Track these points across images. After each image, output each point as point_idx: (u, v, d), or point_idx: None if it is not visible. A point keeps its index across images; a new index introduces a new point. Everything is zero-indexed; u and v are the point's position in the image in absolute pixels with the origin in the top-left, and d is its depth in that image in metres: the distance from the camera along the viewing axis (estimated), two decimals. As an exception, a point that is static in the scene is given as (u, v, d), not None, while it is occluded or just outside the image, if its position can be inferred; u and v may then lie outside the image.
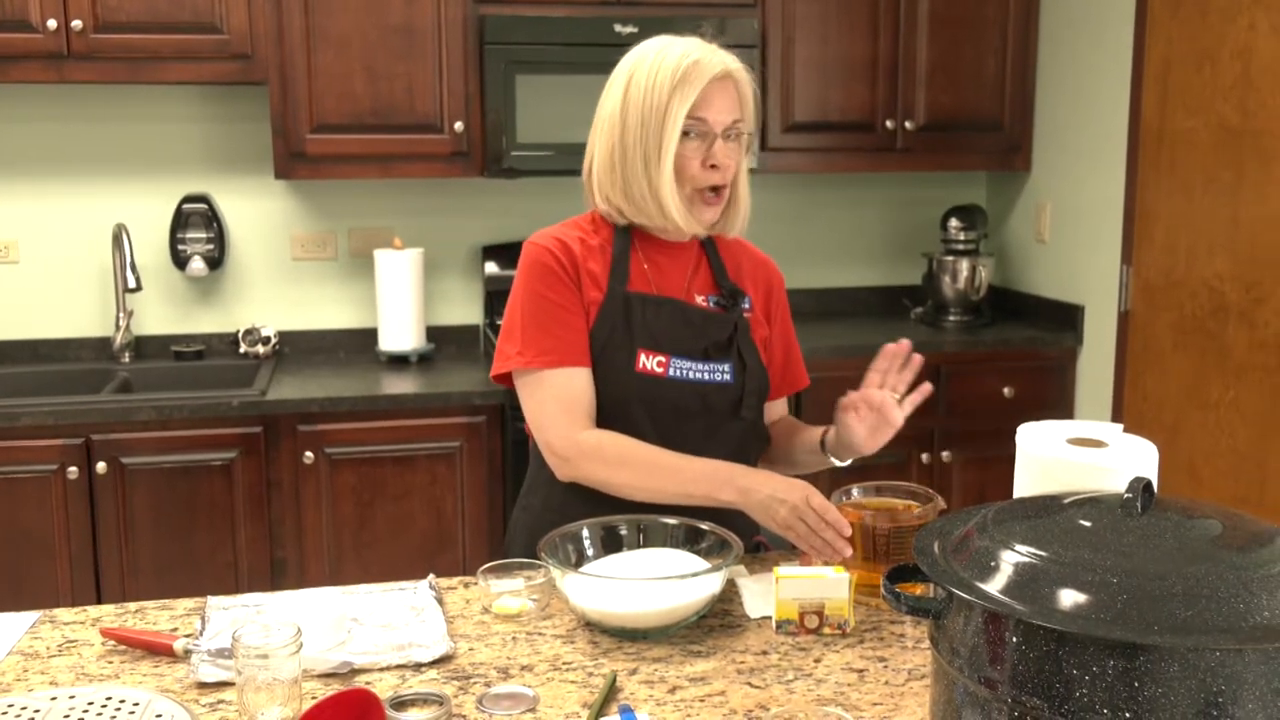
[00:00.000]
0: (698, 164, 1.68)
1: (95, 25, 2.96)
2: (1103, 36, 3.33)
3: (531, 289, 1.72)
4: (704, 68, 1.66)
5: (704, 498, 1.63)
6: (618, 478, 1.67)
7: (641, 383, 1.70)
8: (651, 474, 1.65)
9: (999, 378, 3.42)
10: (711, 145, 1.68)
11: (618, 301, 1.71)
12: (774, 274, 1.91)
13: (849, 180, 3.86)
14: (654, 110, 1.66)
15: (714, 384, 1.74)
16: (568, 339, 1.70)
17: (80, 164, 3.34)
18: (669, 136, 1.65)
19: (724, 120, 1.68)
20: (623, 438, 1.68)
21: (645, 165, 1.68)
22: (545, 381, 1.70)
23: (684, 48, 1.68)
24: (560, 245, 1.73)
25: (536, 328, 1.70)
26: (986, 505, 1.17)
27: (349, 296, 3.54)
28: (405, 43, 3.12)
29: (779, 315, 1.90)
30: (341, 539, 2.96)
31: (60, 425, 2.79)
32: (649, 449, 1.67)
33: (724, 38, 1.80)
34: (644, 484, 1.65)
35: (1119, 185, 3.28)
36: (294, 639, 1.24)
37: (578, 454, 1.68)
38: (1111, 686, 0.92)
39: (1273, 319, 2.78)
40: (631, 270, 1.75)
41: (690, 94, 1.64)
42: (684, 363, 1.72)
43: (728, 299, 1.80)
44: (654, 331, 1.72)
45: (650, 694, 1.33)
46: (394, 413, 2.95)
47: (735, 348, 1.77)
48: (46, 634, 1.50)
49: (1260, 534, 1.03)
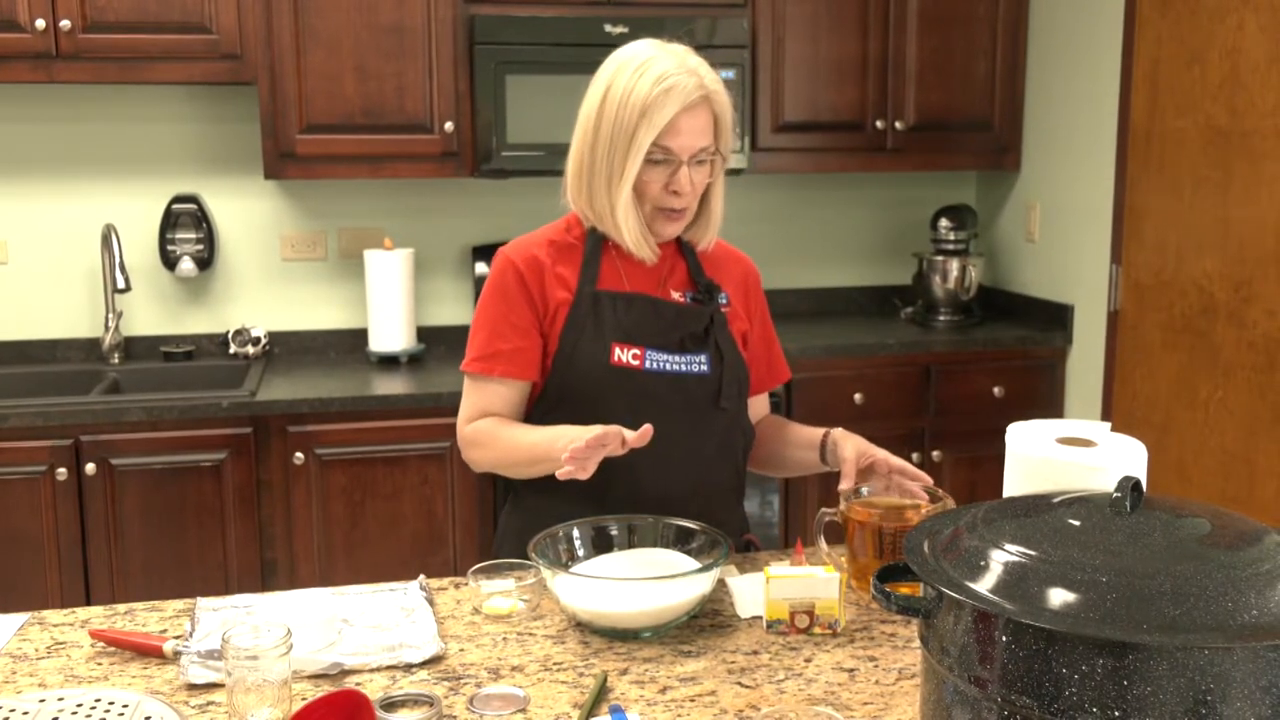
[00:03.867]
0: (659, 187, 1.71)
1: (84, 25, 2.95)
2: (1092, 36, 3.34)
3: (489, 299, 1.79)
4: (676, 96, 1.65)
5: (546, 464, 1.66)
6: (487, 458, 1.77)
7: (618, 375, 1.72)
8: (509, 451, 1.73)
9: (989, 377, 3.43)
10: (676, 171, 1.69)
11: (586, 301, 1.75)
12: (750, 270, 1.93)
13: (839, 180, 3.87)
14: (622, 132, 1.67)
15: (692, 375, 1.75)
16: (505, 351, 1.76)
17: (69, 164, 3.32)
18: (632, 163, 1.68)
19: (692, 147, 1.68)
20: (496, 423, 1.76)
21: (608, 184, 1.71)
22: (478, 385, 1.79)
23: (663, 68, 1.66)
24: (526, 258, 1.78)
25: (485, 336, 1.78)
26: (976, 504, 1.17)
27: (339, 297, 3.53)
28: (395, 42, 3.12)
29: (758, 310, 1.92)
30: (332, 540, 2.96)
31: (49, 426, 2.78)
32: (510, 429, 1.75)
33: (715, 38, 1.80)
34: (506, 460, 1.75)
35: (1108, 185, 3.29)
36: (284, 640, 1.23)
37: (463, 443, 1.80)
38: (1101, 685, 0.92)
39: (1261, 319, 2.79)
40: (603, 269, 1.78)
41: (659, 123, 1.65)
42: (659, 355, 1.74)
43: (704, 293, 1.81)
44: (626, 326, 1.74)
45: (641, 694, 1.33)
46: (384, 413, 2.95)
47: (712, 339, 1.78)
48: (35, 636, 1.50)
49: (1248, 533, 1.04)
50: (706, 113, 1.69)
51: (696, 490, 1.76)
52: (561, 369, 1.74)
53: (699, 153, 1.69)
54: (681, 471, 1.75)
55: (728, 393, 1.78)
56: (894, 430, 3.35)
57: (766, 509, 3.28)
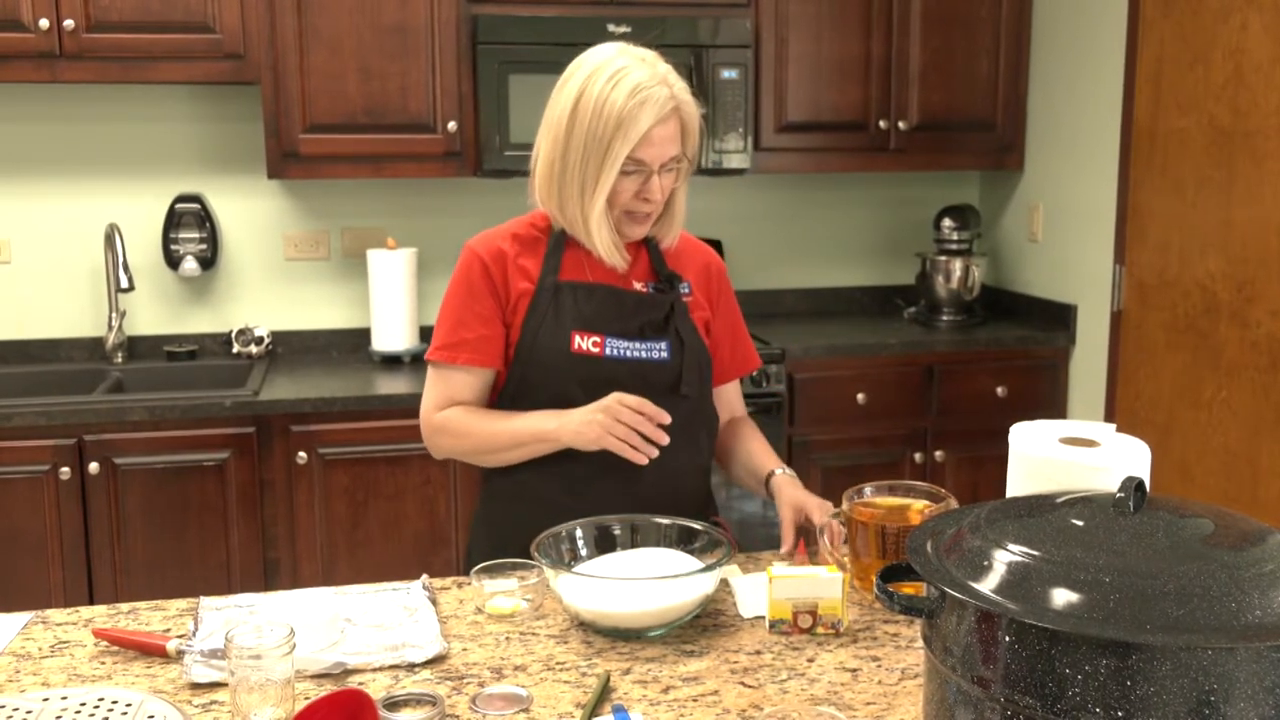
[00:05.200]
0: (630, 195, 1.73)
1: (87, 25, 2.95)
2: (1095, 36, 3.34)
3: (454, 291, 1.82)
4: (651, 109, 1.67)
5: (533, 445, 1.73)
6: (458, 446, 1.80)
7: (578, 363, 1.75)
8: (487, 438, 1.76)
9: (992, 377, 3.43)
10: (647, 180, 1.72)
11: (548, 291, 1.77)
12: (712, 259, 1.95)
13: (842, 180, 3.87)
14: (596, 144, 1.69)
15: (651, 362, 1.78)
16: (469, 340, 1.78)
17: (72, 164, 3.33)
18: (606, 175, 1.70)
19: (663, 157, 1.71)
20: (468, 411, 1.79)
21: (581, 193, 1.73)
22: (440, 373, 1.82)
23: (636, 79, 1.68)
24: (490, 250, 1.81)
25: (450, 326, 1.80)
26: (979, 504, 1.17)
27: (342, 296, 3.53)
28: (398, 42, 3.12)
29: (722, 299, 1.93)
30: (334, 539, 2.96)
31: (53, 426, 2.79)
32: (487, 416, 1.78)
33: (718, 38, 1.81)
34: (484, 447, 1.77)
35: (1111, 185, 3.29)
36: (287, 639, 1.23)
37: (430, 430, 1.82)
38: (1104, 685, 0.92)
39: (1264, 319, 2.79)
40: (566, 261, 1.81)
41: (634, 137, 1.67)
42: (620, 342, 1.77)
43: (664, 283, 1.84)
44: (586, 314, 1.77)
45: (644, 694, 1.33)
46: (387, 413, 2.95)
47: (673, 327, 1.80)
48: (39, 635, 1.50)
49: (1252, 533, 1.04)
50: (676, 121, 1.72)
51: (660, 475, 1.76)
52: (523, 358, 1.77)
53: (669, 161, 1.73)
54: None
55: (688, 379, 1.80)
56: (896, 430, 3.36)
57: (769, 509, 3.27)
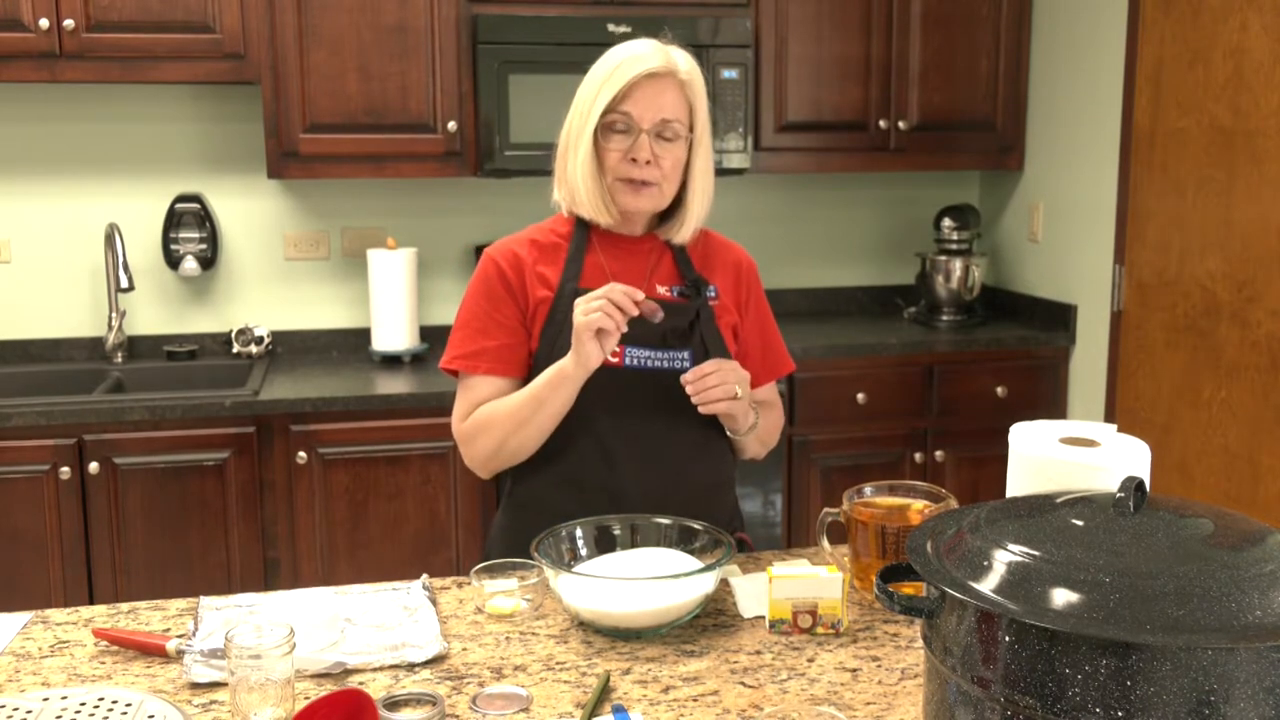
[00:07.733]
0: (618, 156, 1.71)
1: (87, 24, 2.95)
2: (1095, 36, 3.34)
3: (472, 297, 1.80)
4: (634, 63, 1.68)
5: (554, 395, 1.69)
6: (494, 439, 1.75)
7: (597, 373, 1.70)
8: (511, 415, 1.72)
9: (992, 377, 3.43)
10: (636, 139, 1.70)
11: (567, 298, 1.74)
12: (743, 260, 1.91)
13: (842, 180, 3.87)
14: (584, 102, 1.72)
15: (673, 371, 1.75)
16: (491, 348, 1.77)
17: (72, 163, 3.33)
18: (588, 126, 1.70)
19: (650, 117, 1.69)
20: (486, 405, 1.76)
21: (574, 154, 1.73)
22: (464, 382, 1.80)
23: (632, 49, 1.71)
24: (509, 257, 1.79)
25: (469, 334, 1.78)
26: (979, 504, 1.17)
27: (342, 296, 3.53)
28: (398, 42, 3.12)
29: (752, 300, 1.89)
30: (334, 539, 2.96)
31: (52, 425, 2.79)
32: (505, 400, 1.75)
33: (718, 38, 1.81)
34: (513, 427, 1.72)
35: (1111, 185, 3.29)
36: (287, 639, 1.23)
37: (463, 440, 1.80)
38: (1104, 685, 0.92)
39: (1265, 319, 2.79)
40: (587, 266, 1.79)
41: (614, 88, 1.68)
42: (640, 351, 1.74)
43: (690, 288, 1.81)
44: None
45: (644, 694, 1.33)
46: (387, 413, 2.95)
47: (697, 335, 1.78)
48: (39, 635, 1.50)
49: (1252, 533, 1.04)
50: (674, 89, 1.70)
51: (679, 486, 1.76)
52: (542, 366, 1.74)
53: (661, 124, 1.70)
54: (662, 467, 1.75)
55: None
56: (896, 430, 3.36)
57: (769, 509, 3.28)
